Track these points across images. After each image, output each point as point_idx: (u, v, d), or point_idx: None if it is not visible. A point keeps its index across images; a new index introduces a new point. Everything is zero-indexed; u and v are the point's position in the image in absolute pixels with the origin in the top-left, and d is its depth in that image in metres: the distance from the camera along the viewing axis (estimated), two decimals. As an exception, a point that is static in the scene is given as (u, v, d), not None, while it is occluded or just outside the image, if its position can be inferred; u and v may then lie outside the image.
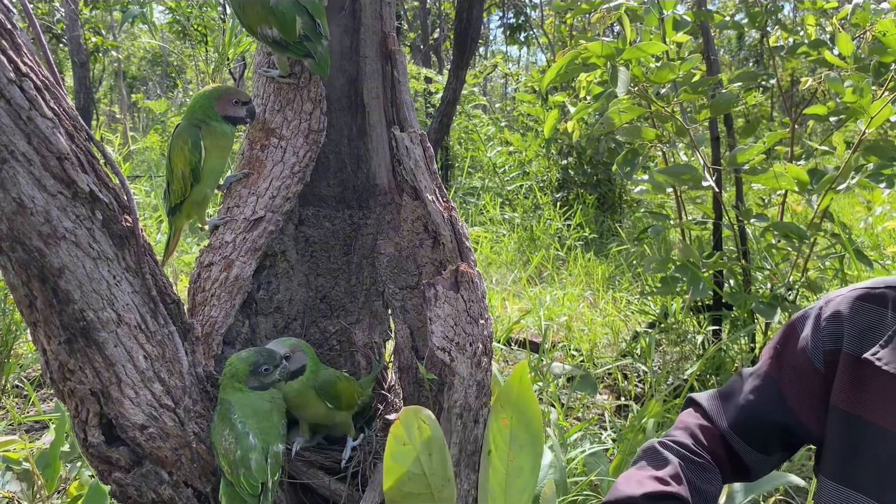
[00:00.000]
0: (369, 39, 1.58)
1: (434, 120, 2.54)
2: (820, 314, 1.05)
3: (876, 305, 1.00)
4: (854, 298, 1.02)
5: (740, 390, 1.13)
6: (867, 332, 0.99)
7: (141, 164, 8.86)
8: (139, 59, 17.83)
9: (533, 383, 2.85)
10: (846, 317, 1.01)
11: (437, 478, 1.20)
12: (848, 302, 1.03)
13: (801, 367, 1.05)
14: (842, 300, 1.04)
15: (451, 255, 1.49)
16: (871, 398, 0.96)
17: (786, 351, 1.09)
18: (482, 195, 7.25)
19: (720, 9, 7.07)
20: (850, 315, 1.01)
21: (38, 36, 1.25)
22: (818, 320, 1.05)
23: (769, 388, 1.09)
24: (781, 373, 1.08)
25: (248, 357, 1.33)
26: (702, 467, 1.09)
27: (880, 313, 0.99)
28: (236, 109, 1.49)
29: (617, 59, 2.80)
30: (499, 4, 11.97)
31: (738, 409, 1.11)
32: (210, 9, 8.97)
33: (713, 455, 1.11)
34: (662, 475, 1.04)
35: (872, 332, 0.99)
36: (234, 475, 1.26)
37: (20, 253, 1.14)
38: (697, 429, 1.14)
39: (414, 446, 1.18)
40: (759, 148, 2.83)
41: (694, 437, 1.13)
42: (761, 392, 1.10)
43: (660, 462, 1.08)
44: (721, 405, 1.14)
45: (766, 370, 1.11)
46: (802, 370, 1.05)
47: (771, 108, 7.95)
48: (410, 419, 1.18)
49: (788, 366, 1.08)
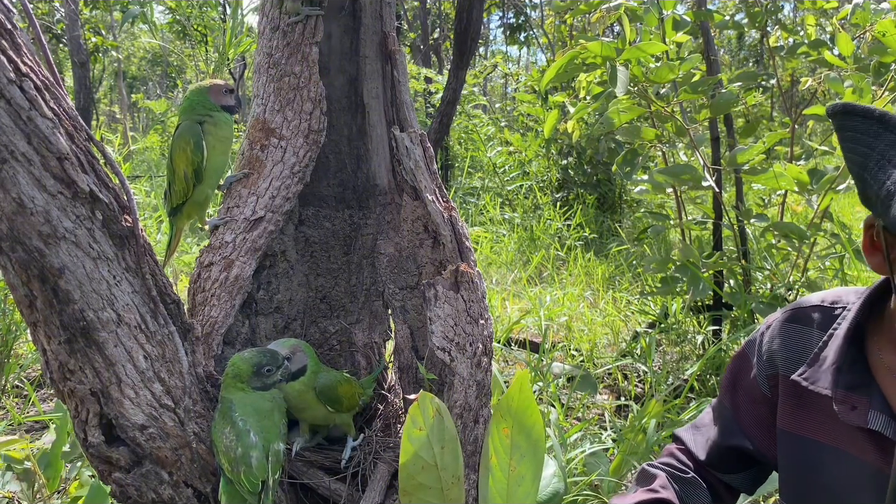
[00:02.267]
0: (369, 39, 1.58)
1: (434, 120, 2.55)
2: (762, 339, 1.07)
3: (803, 326, 1.02)
4: (783, 322, 1.04)
5: (708, 423, 1.16)
6: (798, 353, 1.01)
7: (141, 164, 8.87)
8: (139, 59, 17.84)
9: (533, 383, 2.85)
10: (778, 341, 1.04)
11: (448, 473, 1.21)
12: (779, 325, 1.05)
13: (753, 395, 1.07)
14: (775, 324, 1.05)
15: (451, 255, 1.49)
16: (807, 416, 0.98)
17: (739, 380, 1.11)
18: (482, 195, 7.25)
19: (720, 9, 7.06)
20: (781, 338, 1.03)
21: (38, 36, 1.25)
22: (760, 346, 1.06)
23: (729, 421, 1.11)
24: (737, 403, 1.10)
25: (251, 357, 1.33)
26: (689, 483, 1.12)
27: (807, 333, 1.01)
28: (227, 98, 1.53)
29: (617, 59, 2.80)
30: (499, 4, 11.98)
31: (709, 445, 1.14)
32: (210, 9, 8.97)
33: (702, 478, 1.14)
34: (651, 486, 1.08)
35: (802, 353, 1.00)
36: (235, 473, 1.27)
37: (20, 253, 1.14)
38: (682, 454, 1.17)
39: (427, 431, 1.19)
40: (759, 148, 2.83)
41: (679, 461, 1.16)
42: (723, 426, 1.12)
43: (648, 478, 1.12)
44: (696, 438, 1.17)
45: (724, 402, 1.13)
46: (755, 398, 1.07)
47: (771, 108, 7.95)
48: (426, 404, 1.19)
49: (743, 395, 1.09)
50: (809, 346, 1.00)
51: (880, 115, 0.82)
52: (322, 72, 1.52)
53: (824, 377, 0.95)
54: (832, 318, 1.00)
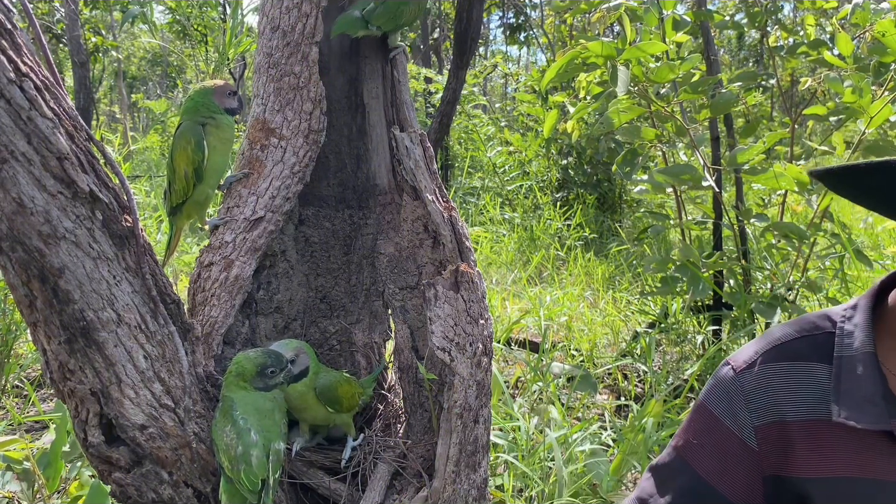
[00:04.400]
0: (369, 39, 1.58)
1: (434, 120, 2.55)
2: (740, 387, 0.97)
3: (800, 362, 0.95)
4: (767, 365, 0.96)
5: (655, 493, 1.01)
6: (808, 390, 0.93)
7: (141, 164, 8.87)
8: (139, 59, 17.84)
9: (533, 383, 2.85)
10: (775, 385, 0.95)
11: None
12: (763, 371, 0.96)
13: (729, 453, 0.97)
14: (766, 370, 0.96)
15: (451, 255, 1.49)
16: (834, 455, 0.91)
17: (706, 439, 0.99)
18: (482, 195, 7.25)
19: (720, 9, 7.06)
20: (779, 381, 0.95)
21: (38, 36, 1.25)
22: (740, 395, 0.96)
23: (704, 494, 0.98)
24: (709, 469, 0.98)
25: (255, 357, 1.33)
26: None
27: (810, 370, 0.94)
28: (231, 101, 1.53)
29: (617, 59, 2.80)
30: (499, 4, 11.97)
31: None
32: (210, 9, 8.97)
33: None
34: None
35: (813, 389, 0.93)
36: (235, 471, 1.27)
37: (20, 253, 1.14)
38: None
39: None
40: (759, 148, 2.83)
41: None
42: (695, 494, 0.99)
43: None
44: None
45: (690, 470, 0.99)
46: (732, 455, 0.96)
47: (771, 108, 7.95)
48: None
49: (715, 457, 0.98)
50: (818, 381, 0.93)
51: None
52: (322, 72, 1.52)
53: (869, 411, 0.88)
54: (824, 345, 0.94)
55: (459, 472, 1.39)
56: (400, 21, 1.52)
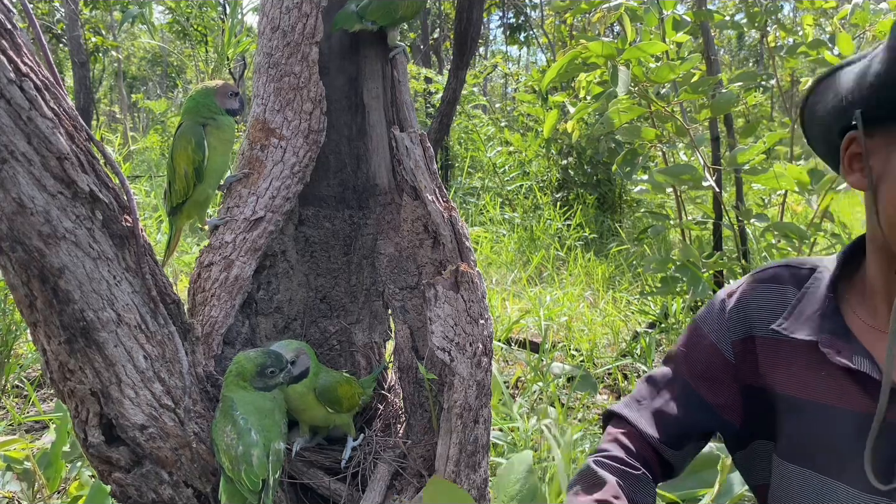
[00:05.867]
0: (369, 39, 1.58)
1: (434, 120, 2.54)
2: (724, 306, 1.07)
3: (778, 284, 1.04)
4: (755, 283, 1.06)
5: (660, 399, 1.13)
6: (777, 309, 1.02)
7: (141, 164, 8.87)
8: (139, 59, 17.84)
9: (533, 383, 2.85)
10: (752, 301, 1.05)
11: None
12: (749, 288, 1.06)
13: (713, 363, 1.08)
14: (744, 288, 1.07)
15: (451, 255, 1.49)
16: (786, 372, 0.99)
17: (694, 352, 1.10)
18: (482, 195, 7.25)
19: (720, 9, 7.06)
20: (756, 298, 1.05)
21: (38, 36, 1.25)
22: (723, 312, 1.07)
23: (690, 396, 1.10)
24: (695, 375, 1.10)
25: (256, 357, 1.33)
26: (638, 480, 1.08)
27: (783, 290, 1.03)
28: (232, 101, 1.53)
29: (617, 59, 2.80)
30: (499, 4, 11.97)
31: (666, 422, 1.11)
32: (210, 9, 8.96)
33: (644, 462, 1.11)
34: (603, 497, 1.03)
35: (780, 308, 1.02)
36: (235, 471, 1.27)
37: (20, 253, 1.14)
38: (627, 438, 1.14)
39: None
40: (759, 148, 2.83)
41: (626, 449, 1.13)
42: (684, 402, 1.10)
43: (598, 483, 1.06)
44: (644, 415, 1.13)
45: (680, 376, 1.12)
46: (715, 365, 1.07)
47: (771, 108, 7.95)
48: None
49: (700, 366, 1.09)
50: (786, 301, 1.02)
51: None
52: (322, 72, 1.52)
53: (806, 326, 0.97)
54: (803, 277, 1.02)
55: (459, 472, 1.39)
56: (395, 16, 1.52)
